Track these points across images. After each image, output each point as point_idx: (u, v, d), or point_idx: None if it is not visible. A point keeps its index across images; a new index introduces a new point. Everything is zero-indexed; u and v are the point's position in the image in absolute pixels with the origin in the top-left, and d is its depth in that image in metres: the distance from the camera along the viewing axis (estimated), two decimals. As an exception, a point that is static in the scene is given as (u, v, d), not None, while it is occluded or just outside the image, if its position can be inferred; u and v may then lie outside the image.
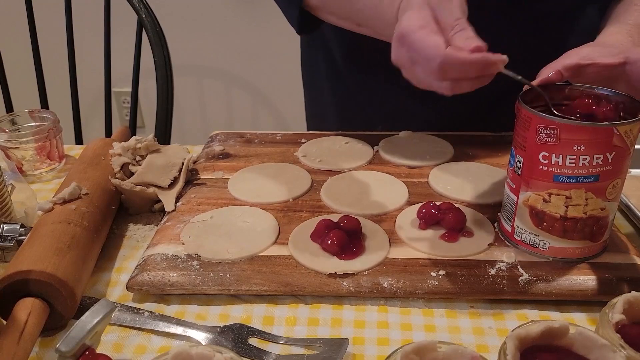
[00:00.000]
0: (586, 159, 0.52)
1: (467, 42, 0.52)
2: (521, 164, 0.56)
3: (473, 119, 0.90)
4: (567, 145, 0.52)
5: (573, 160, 0.53)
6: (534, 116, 0.54)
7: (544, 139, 0.53)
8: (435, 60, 0.52)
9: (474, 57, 0.51)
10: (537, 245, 0.58)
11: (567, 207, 0.55)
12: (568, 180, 0.54)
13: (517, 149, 0.57)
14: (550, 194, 0.55)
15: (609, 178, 0.54)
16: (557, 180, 0.54)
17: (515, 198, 0.58)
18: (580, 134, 0.52)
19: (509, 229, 0.60)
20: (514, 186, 0.58)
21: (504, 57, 0.53)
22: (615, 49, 0.60)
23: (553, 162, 0.54)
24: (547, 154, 0.54)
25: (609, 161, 0.53)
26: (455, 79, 0.53)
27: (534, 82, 0.57)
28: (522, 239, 0.59)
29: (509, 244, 0.61)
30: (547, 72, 0.57)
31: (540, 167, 0.55)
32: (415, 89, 0.88)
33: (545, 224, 0.57)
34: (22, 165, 0.81)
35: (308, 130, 1.08)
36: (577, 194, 0.54)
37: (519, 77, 0.55)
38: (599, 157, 0.52)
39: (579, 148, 0.52)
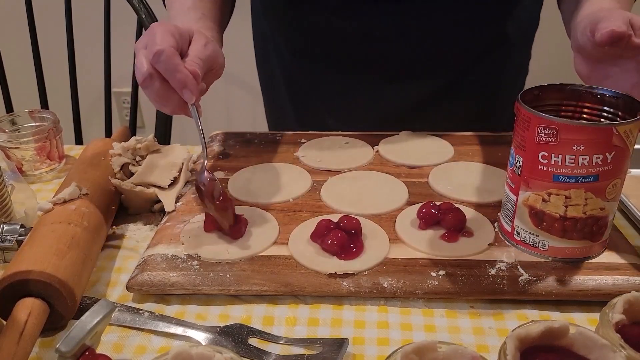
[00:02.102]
0: (585, 158, 0.52)
1: None
2: (521, 164, 0.56)
3: (421, 112, 0.92)
4: (566, 145, 0.52)
5: (572, 160, 0.53)
6: (534, 116, 0.54)
7: (544, 139, 0.53)
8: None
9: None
10: (536, 245, 0.58)
11: (566, 207, 0.55)
12: (567, 180, 0.54)
13: (517, 148, 0.57)
14: (549, 194, 0.55)
15: (609, 178, 0.54)
16: (557, 180, 0.54)
17: (514, 198, 0.58)
18: (579, 134, 0.52)
19: (508, 228, 0.60)
20: (513, 186, 0.58)
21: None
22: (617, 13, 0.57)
23: (552, 162, 0.54)
24: (546, 154, 0.54)
25: (609, 161, 0.53)
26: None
27: (603, 36, 0.54)
28: (522, 239, 0.59)
29: (509, 244, 0.61)
30: (614, 24, 0.53)
31: (540, 167, 0.55)
32: (361, 83, 0.90)
33: (544, 223, 0.57)
34: (22, 165, 0.81)
35: (269, 128, 1.08)
36: (576, 194, 0.54)
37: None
38: (599, 157, 0.52)
39: (578, 148, 0.52)
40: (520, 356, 0.40)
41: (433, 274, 0.57)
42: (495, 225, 0.64)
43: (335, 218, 0.63)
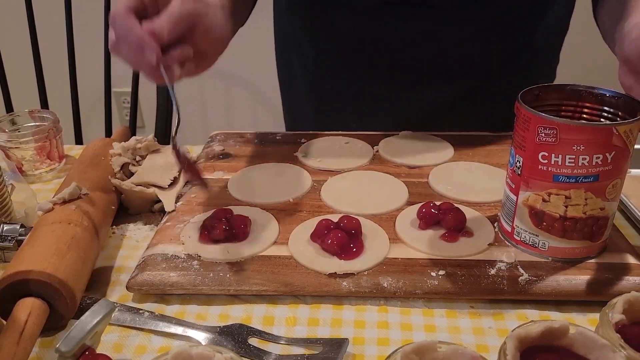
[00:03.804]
0: (585, 158, 0.52)
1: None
2: (521, 164, 0.56)
3: (443, 116, 0.91)
4: (566, 145, 0.52)
5: (572, 160, 0.53)
6: (534, 116, 0.54)
7: (544, 139, 0.53)
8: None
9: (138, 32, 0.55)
10: (536, 245, 0.58)
11: (566, 207, 0.55)
12: (567, 180, 0.54)
13: (517, 148, 0.57)
14: (549, 194, 0.55)
15: (609, 178, 0.54)
16: (557, 180, 0.54)
17: (514, 198, 0.58)
18: (579, 134, 0.52)
19: (508, 228, 0.60)
20: (513, 186, 0.58)
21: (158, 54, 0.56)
22: None
23: (552, 162, 0.54)
24: (546, 154, 0.54)
25: (609, 161, 0.53)
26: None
27: None
28: (522, 239, 0.59)
29: (509, 244, 0.61)
30: None
31: (540, 167, 0.55)
32: (385, 87, 0.89)
33: (544, 223, 0.57)
34: (22, 165, 0.81)
35: (286, 129, 1.08)
36: (576, 194, 0.54)
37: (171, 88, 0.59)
38: (599, 157, 0.52)
39: (578, 148, 0.52)
40: (520, 356, 0.40)
41: (433, 274, 0.57)
42: (495, 225, 0.64)
43: (335, 218, 0.63)
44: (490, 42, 0.85)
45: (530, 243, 0.59)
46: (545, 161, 0.54)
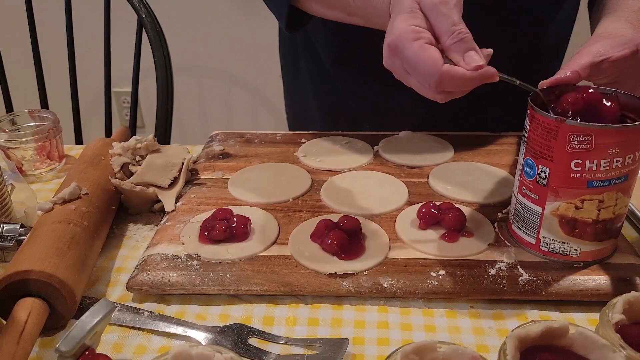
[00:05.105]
0: (619, 160, 0.52)
1: (466, 59, 0.51)
2: (547, 175, 0.54)
3: (461, 118, 0.91)
4: (602, 150, 0.51)
5: (607, 164, 0.52)
6: (564, 124, 0.52)
7: (577, 146, 0.51)
8: (432, 77, 0.51)
9: (473, 75, 0.51)
10: (567, 253, 0.57)
11: (599, 210, 0.54)
12: (602, 185, 0.53)
13: (540, 159, 0.55)
14: (582, 200, 0.54)
15: (635, 175, 0.54)
16: (591, 186, 0.53)
17: (539, 210, 0.56)
18: (615, 137, 0.51)
19: (532, 241, 0.58)
20: (537, 197, 0.56)
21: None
22: (622, 37, 0.59)
23: (587, 169, 0.52)
24: (580, 161, 0.52)
25: (637, 159, 0.53)
26: (450, 92, 0.53)
27: (546, 82, 0.56)
28: (551, 249, 0.58)
29: (535, 255, 0.59)
30: (564, 73, 0.56)
31: (573, 175, 0.53)
32: (406, 88, 0.88)
33: (577, 230, 0.55)
34: (22, 165, 0.81)
35: (289, 129, 1.08)
36: (609, 196, 0.54)
37: (517, 82, 0.54)
38: (630, 157, 0.52)
39: (613, 151, 0.51)
40: (520, 356, 0.40)
41: (433, 274, 0.57)
42: (495, 225, 0.64)
43: (335, 218, 0.63)
44: (499, 48, 0.85)
45: (560, 252, 0.57)
46: (579, 168, 0.52)
